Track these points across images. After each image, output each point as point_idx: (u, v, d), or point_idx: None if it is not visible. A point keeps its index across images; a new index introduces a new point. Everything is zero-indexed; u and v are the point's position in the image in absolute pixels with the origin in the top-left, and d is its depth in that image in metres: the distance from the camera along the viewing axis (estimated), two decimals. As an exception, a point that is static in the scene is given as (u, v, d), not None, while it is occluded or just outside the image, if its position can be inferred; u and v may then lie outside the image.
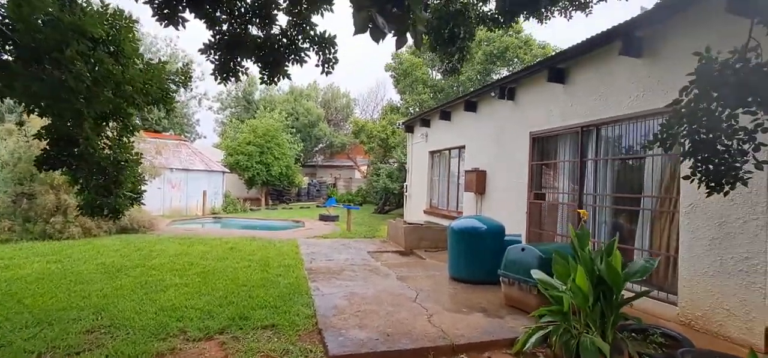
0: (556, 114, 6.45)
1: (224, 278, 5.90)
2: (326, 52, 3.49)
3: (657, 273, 4.78)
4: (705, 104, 2.12)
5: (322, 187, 27.49)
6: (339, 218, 15.09)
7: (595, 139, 5.85)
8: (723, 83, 1.90)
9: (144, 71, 3.95)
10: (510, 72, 19.12)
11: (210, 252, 7.86)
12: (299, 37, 3.46)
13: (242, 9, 3.41)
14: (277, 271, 6.45)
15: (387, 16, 1.60)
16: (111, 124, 4.13)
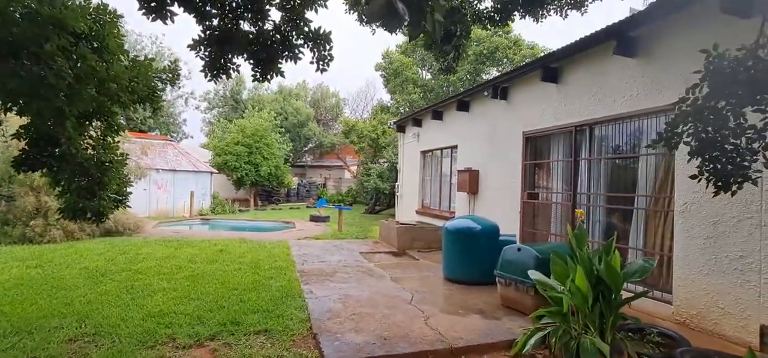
0: (550, 113, 6.44)
1: (214, 282, 5.74)
2: (321, 49, 3.39)
3: (652, 272, 4.77)
4: (712, 102, 2.09)
5: (312, 187, 27.28)
6: (330, 219, 14.95)
7: (589, 138, 5.86)
8: (734, 81, 1.86)
9: (130, 68, 3.79)
10: (500, 72, 19.20)
11: (198, 255, 7.67)
12: (293, 33, 3.35)
13: (233, 3, 3.28)
14: (269, 273, 6.31)
15: (406, 1, 1.49)
16: (95, 123, 3.97)
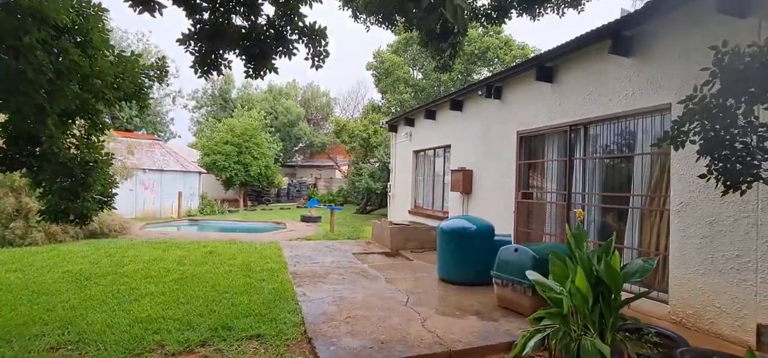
0: (544, 113, 6.42)
1: (204, 285, 5.58)
2: (317, 44, 3.28)
3: (648, 272, 4.78)
4: (721, 100, 2.04)
5: (303, 187, 27.06)
6: (321, 219, 14.80)
7: (584, 138, 5.85)
8: (746, 77, 1.82)
9: (115, 64, 3.63)
10: (491, 72, 19.27)
11: (187, 257, 7.47)
12: (287, 28, 3.24)
13: (225, -4, 3.16)
14: (260, 275, 6.16)
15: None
16: (78, 121, 3.79)
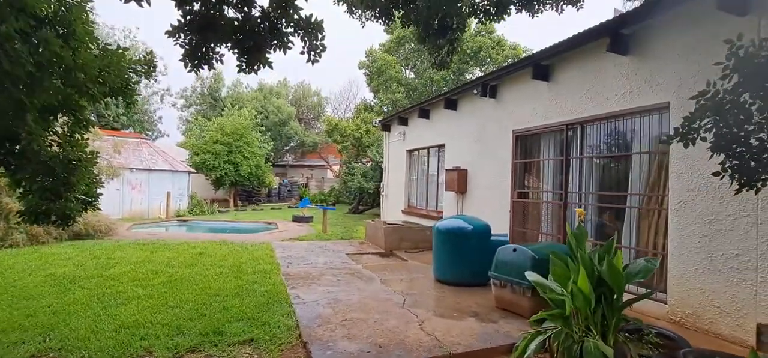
0: (540, 112, 6.38)
1: (194, 288, 5.41)
2: (313, 38, 3.16)
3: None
4: (735, 96, 1.98)
5: (294, 187, 26.81)
6: (313, 219, 14.63)
7: (580, 136, 5.81)
8: (763, 72, 1.75)
9: (100, 57, 3.45)
10: (483, 72, 19.27)
11: (176, 258, 7.26)
12: (282, 20, 3.11)
13: (217, -13, 3.02)
14: (252, 277, 6.01)
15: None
16: (61, 118, 3.61)
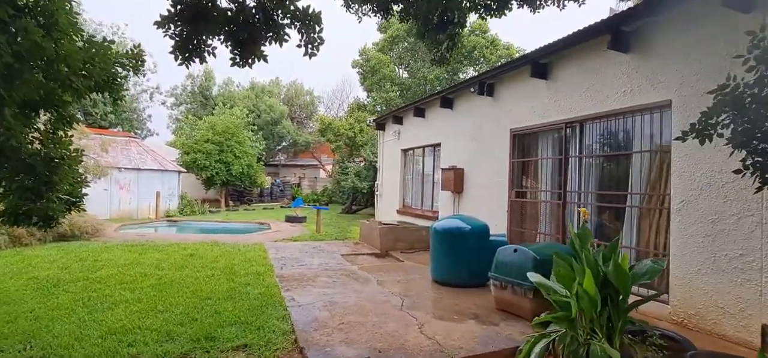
0: (539, 110, 6.31)
1: (184, 291, 5.22)
2: (310, 30, 3.02)
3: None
4: (756, 89, 1.89)
5: (286, 187, 26.56)
6: (306, 220, 14.44)
7: (579, 135, 5.75)
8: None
9: (85, 49, 3.28)
10: (477, 71, 19.24)
11: (166, 260, 7.04)
12: (278, 11, 2.97)
13: (209, -25, 2.87)
14: (245, 279, 5.84)
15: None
16: (43, 115, 3.42)
